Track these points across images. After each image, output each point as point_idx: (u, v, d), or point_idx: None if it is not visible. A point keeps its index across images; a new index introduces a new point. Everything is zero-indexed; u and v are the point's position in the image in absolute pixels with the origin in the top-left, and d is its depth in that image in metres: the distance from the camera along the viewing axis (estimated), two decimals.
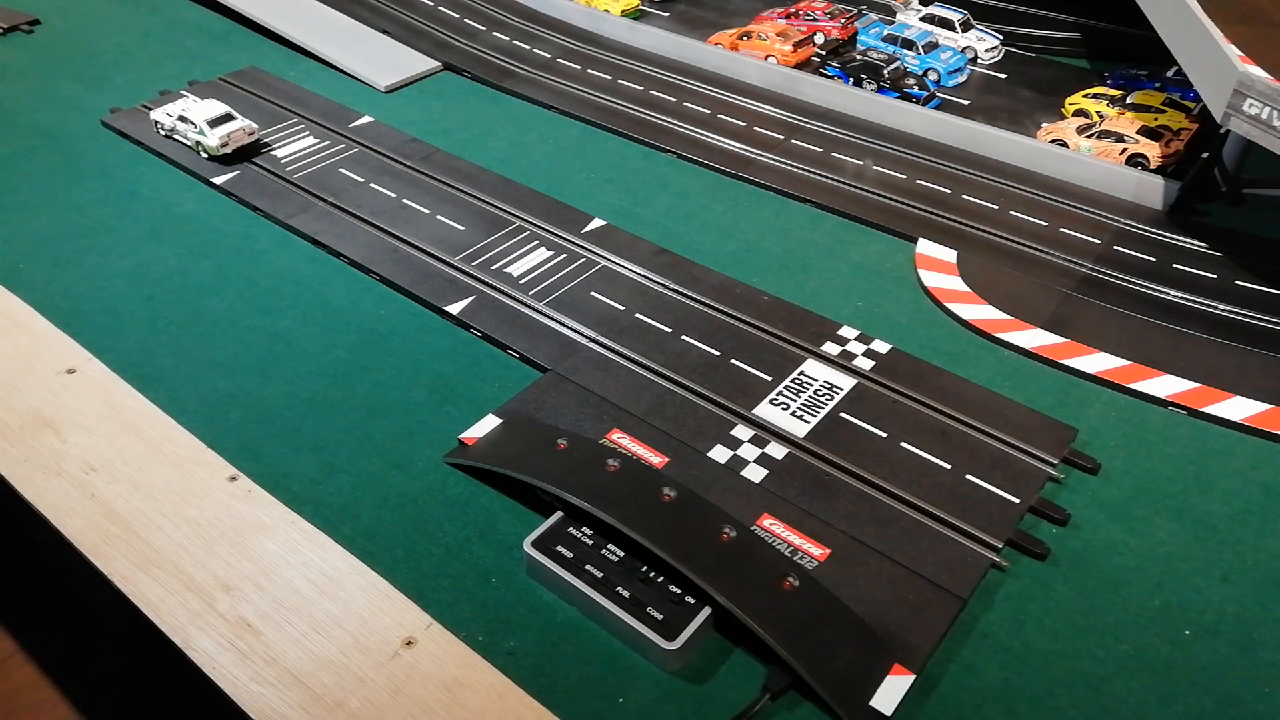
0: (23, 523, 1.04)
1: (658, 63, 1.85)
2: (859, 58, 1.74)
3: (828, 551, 0.89)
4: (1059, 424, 1.04)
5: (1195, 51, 1.36)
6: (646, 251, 1.32)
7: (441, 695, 0.79)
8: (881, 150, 1.57)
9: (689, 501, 0.89)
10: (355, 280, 1.30)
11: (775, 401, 1.06)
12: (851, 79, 1.71)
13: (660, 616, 0.81)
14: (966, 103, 1.70)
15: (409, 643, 0.83)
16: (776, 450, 1.00)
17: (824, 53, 1.82)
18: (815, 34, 1.86)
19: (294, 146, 1.55)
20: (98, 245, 1.35)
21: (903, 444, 1.01)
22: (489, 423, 1.04)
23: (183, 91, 1.68)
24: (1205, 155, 1.39)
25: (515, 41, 1.94)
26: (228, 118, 1.50)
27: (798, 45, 1.80)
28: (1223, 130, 1.32)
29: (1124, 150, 1.48)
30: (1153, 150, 1.46)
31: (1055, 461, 1.00)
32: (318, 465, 1.01)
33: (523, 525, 0.92)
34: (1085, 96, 1.64)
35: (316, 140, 1.57)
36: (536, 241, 1.35)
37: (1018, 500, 0.95)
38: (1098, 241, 1.35)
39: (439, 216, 1.40)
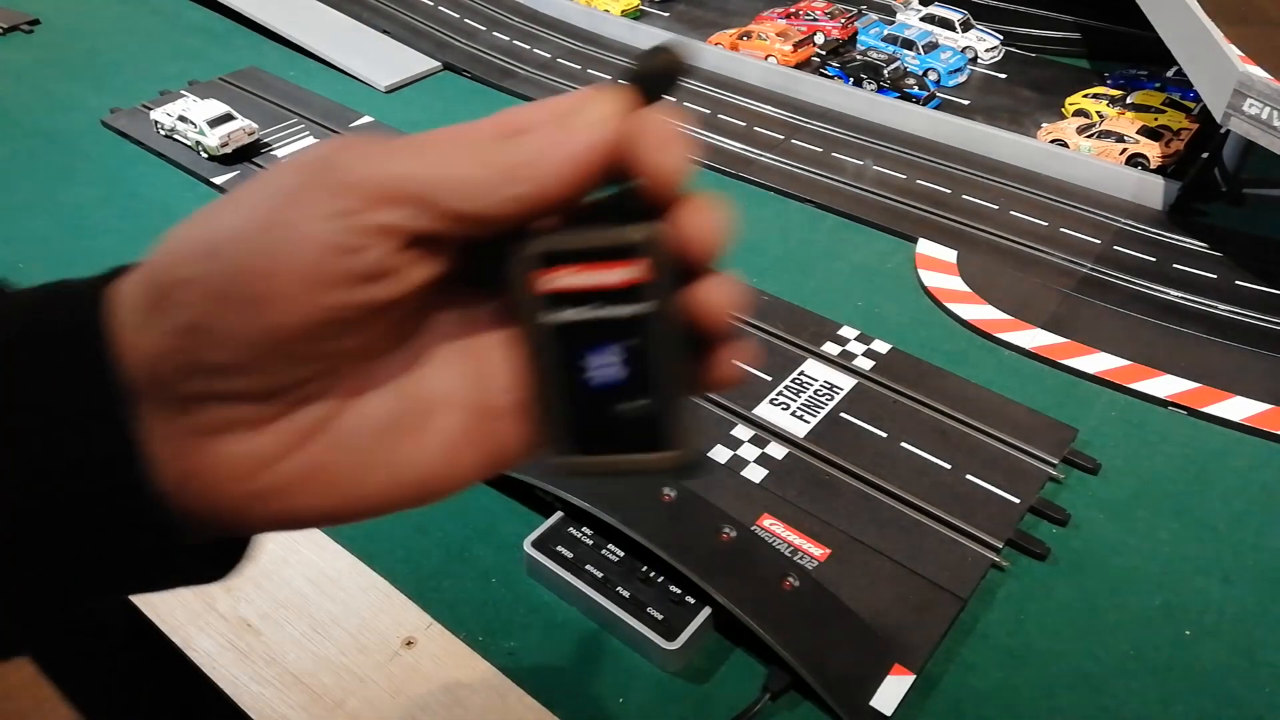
0: None
1: None
2: (859, 58, 1.73)
3: (828, 551, 0.89)
4: (1059, 424, 1.04)
5: (1195, 51, 1.36)
6: None
7: (441, 695, 0.78)
8: (881, 150, 1.57)
9: (689, 501, 0.89)
10: None
11: (775, 401, 1.06)
12: (851, 79, 1.71)
13: (660, 617, 0.81)
14: (966, 103, 1.70)
15: (409, 643, 0.83)
16: (776, 450, 1.00)
17: (824, 53, 1.82)
18: (815, 34, 1.85)
19: (294, 146, 1.55)
20: (98, 245, 1.35)
21: (903, 444, 1.01)
22: None
23: (183, 91, 1.68)
24: (1205, 155, 1.39)
25: (515, 41, 1.94)
26: (228, 118, 1.50)
27: (798, 45, 1.80)
28: (1223, 130, 1.31)
29: (1124, 150, 1.47)
30: (1153, 150, 1.46)
31: (1055, 461, 0.99)
32: None
33: (523, 525, 0.92)
34: (1085, 96, 1.64)
35: (317, 140, 1.57)
36: None
37: (1018, 500, 0.95)
38: (1098, 241, 1.35)
39: None
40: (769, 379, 1.10)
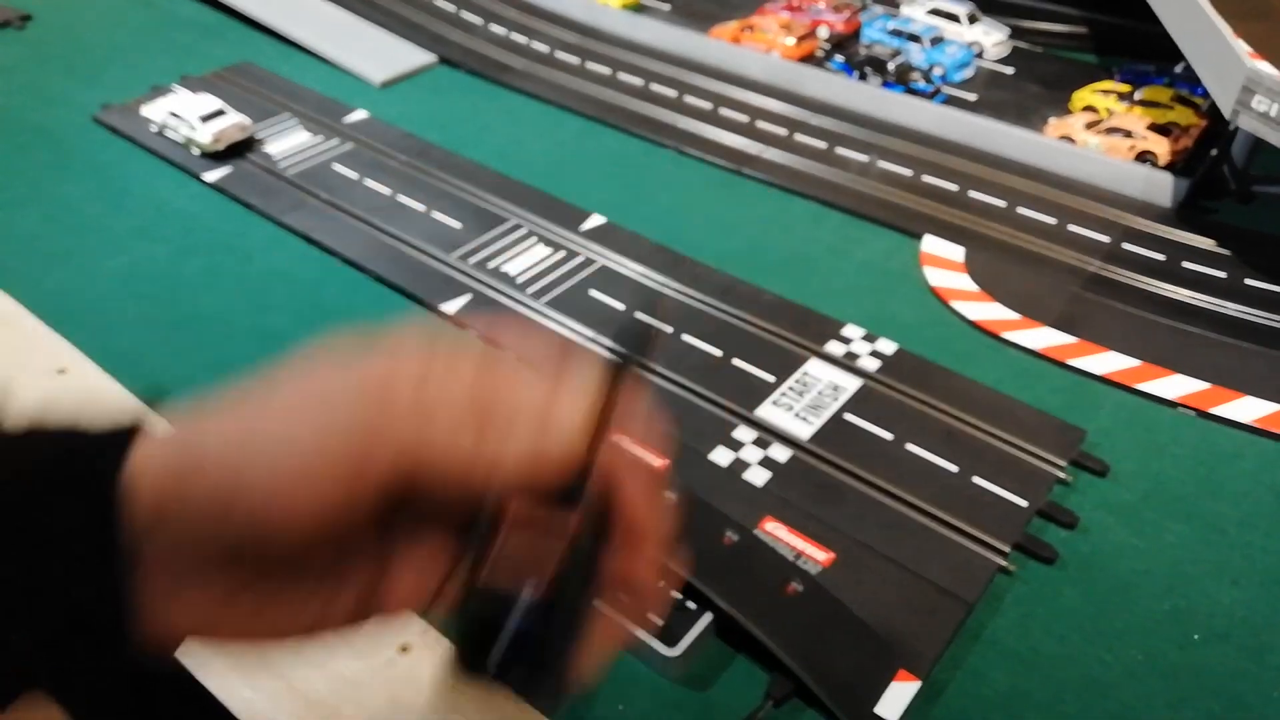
0: None
1: (658, 56, 1.83)
2: (863, 52, 1.72)
3: (832, 556, 0.88)
4: (1067, 425, 1.02)
5: (1203, 47, 1.34)
6: (646, 249, 1.31)
7: (437, 701, 0.77)
8: (886, 146, 1.55)
9: (691, 505, 0.88)
10: (349, 278, 1.28)
11: (778, 402, 1.05)
12: (856, 73, 1.69)
13: (661, 622, 0.79)
14: (973, 98, 1.68)
15: (404, 649, 0.81)
16: (780, 452, 0.99)
17: (828, 46, 1.80)
18: (819, 27, 1.84)
19: (287, 142, 1.53)
20: (89, 243, 1.33)
21: (908, 446, 1.00)
22: None
23: (175, 87, 1.66)
24: (1214, 152, 1.37)
25: (512, 35, 1.92)
26: (220, 113, 1.48)
27: (801, 39, 1.78)
28: (1231, 127, 1.30)
29: (1132, 146, 1.46)
30: (1161, 147, 1.44)
31: (1063, 464, 0.98)
32: None
33: None
34: (1093, 92, 1.62)
35: (310, 136, 1.55)
36: (534, 239, 1.33)
37: (1025, 503, 0.94)
38: (1106, 239, 1.34)
39: (434, 213, 1.39)
40: (771, 379, 1.08)
